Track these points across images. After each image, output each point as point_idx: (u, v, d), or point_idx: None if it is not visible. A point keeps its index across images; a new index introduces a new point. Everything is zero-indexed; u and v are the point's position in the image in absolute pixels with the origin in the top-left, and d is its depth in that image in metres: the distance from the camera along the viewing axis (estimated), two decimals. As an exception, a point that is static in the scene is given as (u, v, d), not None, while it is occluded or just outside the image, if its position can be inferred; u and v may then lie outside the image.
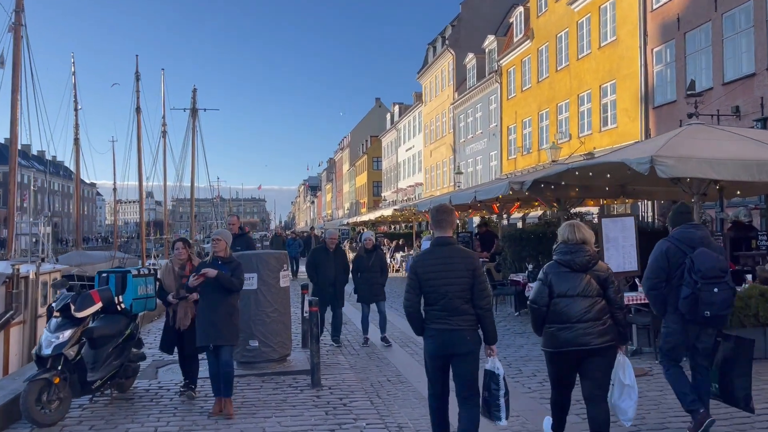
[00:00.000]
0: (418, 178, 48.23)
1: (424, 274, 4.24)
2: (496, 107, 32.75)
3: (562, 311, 4.28)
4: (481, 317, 4.22)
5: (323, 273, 9.18)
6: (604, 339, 4.25)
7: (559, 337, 4.29)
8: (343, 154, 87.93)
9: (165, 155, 40.48)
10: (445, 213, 4.40)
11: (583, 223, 4.62)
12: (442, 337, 4.19)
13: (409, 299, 4.27)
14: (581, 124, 24.07)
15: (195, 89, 46.75)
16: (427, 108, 46.23)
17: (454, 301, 4.17)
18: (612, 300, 4.34)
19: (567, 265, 4.34)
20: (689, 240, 4.88)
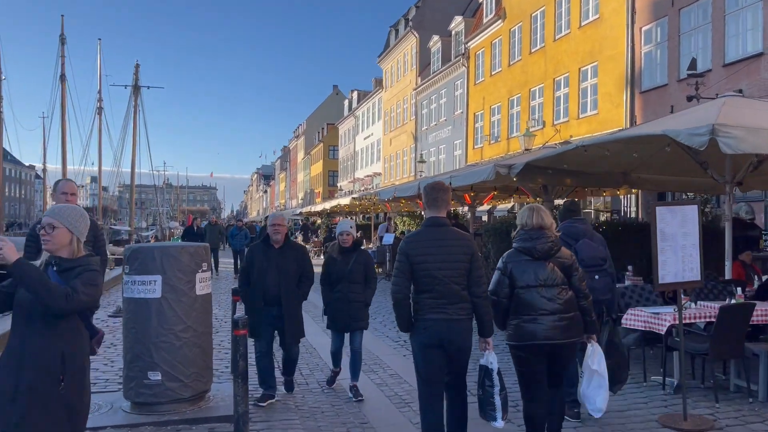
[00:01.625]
0: (377, 168, 46.01)
1: (416, 256, 3.85)
2: (462, 93, 30.77)
3: (526, 303, 3.99)
4: (477, 306, 3.91)
5: (260, 283, 5.61)
6: (570, 334, 4.00)
7: (525, 329, 3.99)
8: (298, 142, 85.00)
9: (100, 134, 37.05)
10: (440, 191, 4.05)
11: (543, 207, 4.25)
12: (438, 327, 3.82)
13: (399, 284, 3.87)
14: (557, 111, 22.27)
15: (138, 65, 43.35)
16: (387, 94, 43.98)
17: (452, 287, 3.83)
18: (577, 289, 4.08)
19: (528, 253, 4.06)
20: (573, 233, 5.36)
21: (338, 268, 5.90)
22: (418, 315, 3.91)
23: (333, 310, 5.94)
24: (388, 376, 6.80)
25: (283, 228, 5.77)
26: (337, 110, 68.70)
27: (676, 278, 5.14)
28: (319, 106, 79.11)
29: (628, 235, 10.68)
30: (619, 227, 10.62)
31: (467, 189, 14.64)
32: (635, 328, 6.30)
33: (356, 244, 6.02)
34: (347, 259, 5.89)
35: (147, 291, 5.32)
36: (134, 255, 5.43)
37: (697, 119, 6.32)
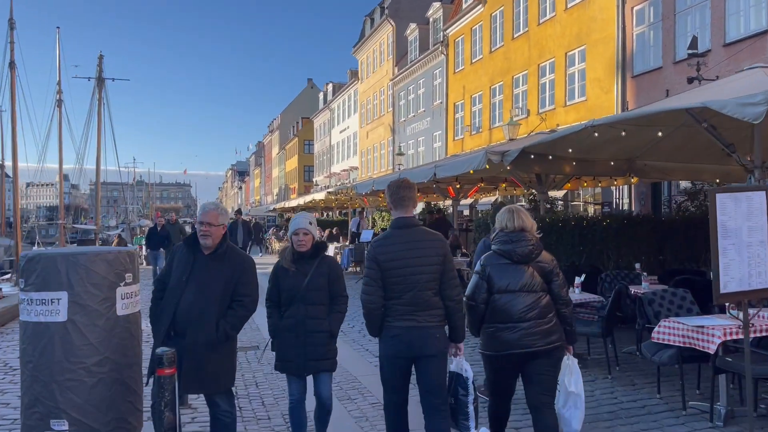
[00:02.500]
0: (353, 162, 44.69)
1: (387, 262, 3.60)
2: (442, 82, 29.59)
3: (503, 309, 3.75)
4: (451, 311, 3.69)
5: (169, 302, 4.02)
6: (549, 340, 3.73)
7: (500, 338, 3.74)
8: (273, 137, 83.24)
9: (61, 128, 34.98)
10: (406, 189, 3.77)
11: (522, 209, 4.01)
12: (409, 336, 3.60)
13: (371, 293, 3.62)
14: (542, 98, 21.18)
15: (101, 56, 41.34)
16: (363, 85, 42.62)
17: (424, 293, 3.61)
18: (557, 295, 3.82)
19: (507, 257, 3.81)
20: None
21: (291, 283, 4.06)
22: (387, 322, 3.67)
23: (283, 346, 4.10)
24: (369, 406, 5.54)
25: (217, 230, 3.91)
26: (312, 104, 67.18)
27: (742, 286, 3.98)
28: (294, 99, 77.50)
29: (633, 228, 9.58)
30: (625, 220, 9.50)
31: (452, 180, 13.48)
32: (671, 344, 5.15)
33: (317, 248, 4.17)
34: (304, 270, 4.07)
35: (48, 313, 4.01)
36: (31, 265, 4.10)
37: (739, 89, 5.18)
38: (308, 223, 4.19)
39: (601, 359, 6.96)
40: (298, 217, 4.25)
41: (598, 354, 7.20)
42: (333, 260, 4.39)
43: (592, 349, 7.30)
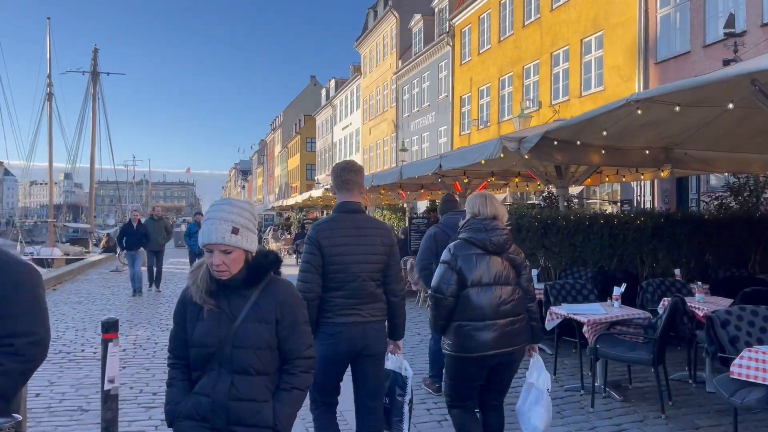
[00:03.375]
0: (356, 159, 43.26)
1: (331, 247, 3.22)
2: (447, 75, 28.22)
3: (476, 304, 3.39)
4: (395, 307, 3.42)
5: None
6: (522, 339, 3.48)
7: (477, 338, 3.37)
8: (275, 135, 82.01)
9: (50, 123, 33.79)
10: (350, 172, 3.42)
11: (493, 195, 3.69)
12: (352, 332, 3.24)
13: (309, 280, 3.19)
14: (555, 89, 19.80)
15: (96, 49, 40.22)
16: (366, 80, 41.29)
17: (368, 285, 3.28)
18: (525, 289, 3.56)
19: (481, 246, 3.45)
20: (453, 225, 4.78)
21: (205, 331, 2.23)
22: (325, 318, 3.27)
23: None
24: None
25: None
26: (314, 101, 65.94)
27: None
28: (297, 97, 76.27)
29: (671, 228, 8.21)
30: (662, 218, 8.12)
31: (459, 174, 12.12)
32: (757, 382, 3.80)
33: (256, 270, 2.26)
34: (234, 309, 2.24)
35: None
36: None
37: None
38: (231, 230, 2.17)
39: (646, 389, 5.61)
40: (214, 214, 2.23)
41: (641, 382, 5.85)
42: (288, 288, 2.32)
43: (635, 375, 5.94)
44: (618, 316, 5.37)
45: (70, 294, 13.21)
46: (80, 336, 8.49)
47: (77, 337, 8.43)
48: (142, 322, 9.72)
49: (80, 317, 10.09)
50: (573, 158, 8.04)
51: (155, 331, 8.92)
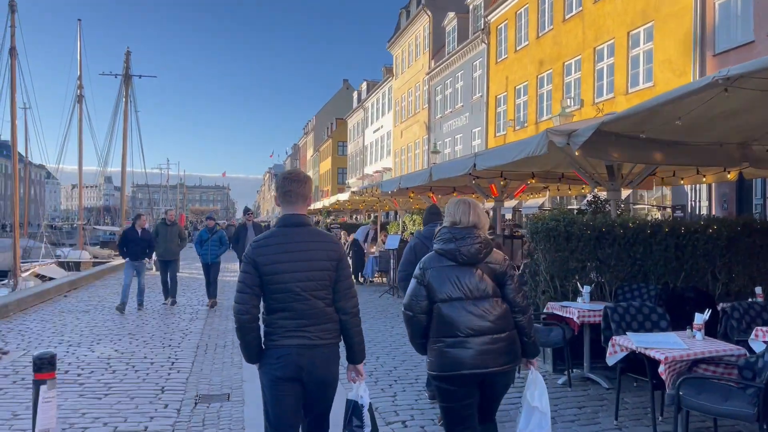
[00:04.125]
0: (387, 163, 42.39)
1: (267, 265, 3.00)
2: (482, 74, 27.02)
3: (448, 320, 3.15)
4: (347, 326, 3.12)
5: None
6: (507, 359, 3.16)
7: (449, 355, 3.14)
8: (308, 139, 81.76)
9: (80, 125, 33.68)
10: (293, 182, 3.16)
11: (477, 202, 3.39)
12: (299, 356, 2.98)
13: (244, 302, 2.98)
14: (598, 86, 18.47)
15: (128, 52, 40.14)
16: (398, 82, 40.31)
17: (313, 304, 3.03)
18: (512, 302, 3.23)
19: (451, 257, 3.23)
20: (432, 236, 4.39)
21: None
22: (269, 341, 3.03)
23: None
24: None
25: None
26: (347, 105, 65.29)
27: None
28: (329, 101, 75.86)
29: (750, 238, 6.94)
30: (739, 227, 6.86)
31: (495, 176, 10.97)
32: None
33: None
34: None
35: None
36: None
37: None
38: None
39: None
40: None
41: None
42: None
43: (723, 425, 4.73)
44: (704, 353, 4.21)
45: (80, 301, 12.48)
46: (70, 353, 7.63)
47: (67, 354, 7.57)
48: (145, 336, 8.84)
49: (80, 329, 9.28)
50: (632, 155, 6.86)
51: (155, 348, 8.02)
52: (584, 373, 6.22)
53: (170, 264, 11.91)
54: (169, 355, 7.64)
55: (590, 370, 6.22)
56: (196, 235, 13.57)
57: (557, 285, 6.74)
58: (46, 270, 21.82)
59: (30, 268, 21.48)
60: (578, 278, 6.62)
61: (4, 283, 19.13)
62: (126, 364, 7.11)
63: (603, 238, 6.71)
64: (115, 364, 7.08)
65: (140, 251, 11.31)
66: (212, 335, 9.07)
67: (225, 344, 8.49)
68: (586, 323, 5.96)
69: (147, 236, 11.43)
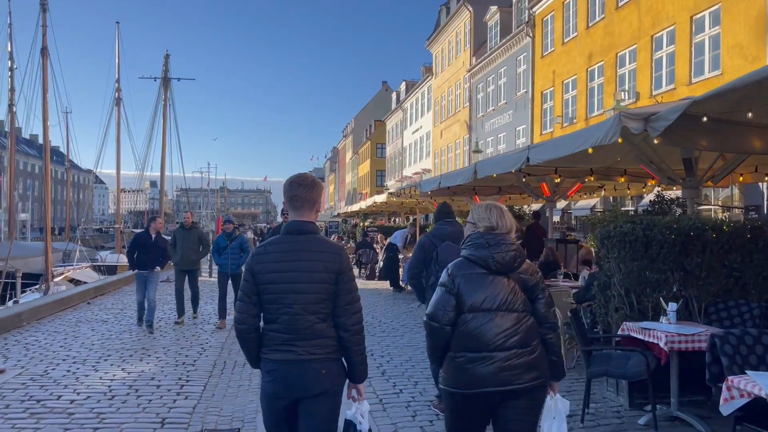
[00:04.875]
0: (426, 164, 41.28)
1: (263, 273, 2.88)
2: (527, 69, 25.69)
3: (475, 333, 2.88)
4: (346, 343, 2.89)
5: None
6: (532, 375, 2.88)
7: (472, 372, 2.87)
8: (346, 141, 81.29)
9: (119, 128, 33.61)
10: (301, 186, 2.98)
11: (503, 206, 3.15)
12: (285, 372, 2.84)
13: (243, 311, 2.91)
14: (656, 77, 17.01)
15: (167, 54, 40.13)
16: (438, 80, 39.18)
17: (303, 318, 2.84)
18: (543, 317, 2.96)
19: (483, 265, 2.95)
20: (441, 234, 5.32)
21: None
22: (262, 353, 2.92)
23: None
24: None
25: None
26: (386, 106, 64.48)
27: None
28: (368, 103, 75.23)
29: None
30: None
31: (549, 172, 9.79)
32: None
33: None
34: None
35: None
36: None
37: None
38: None
39: None
40: None
41: None
42: None
43: None
44: None
45: (102, 309, 11.81)
46: (70, 374, 6.80)
47: (67, 375, 6.75)
48: (159, 351, 8.00)
49: (91, 342, 8.51)
50: (724, 143, 5.66)
51: (166, 367, 7.15)
52: (672, 411, 5.03)
53: (189, 274, 10.27)
54: (179, 376, 6.75)
55: (679, 407, 5.04)
56: None
57: (633, 301, 5.56)
58: (80, 274, 21.47)
59: (64, 272, 21.15)
60: (659, 293, 5.44)
61: (36, 288, 18.78)
62: (129, 388, 6.25)
63: (690, 244, 5.49)
64: (116, 388, 6.22)
65: (152, 259, 9.54)
66: (233, 350, 8.17)
67: (245, 361, 7.58)
68: (674, 350, 4.78)
69: (161, 242, 9.77)
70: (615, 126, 5.49)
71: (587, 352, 5.12)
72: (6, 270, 19.29)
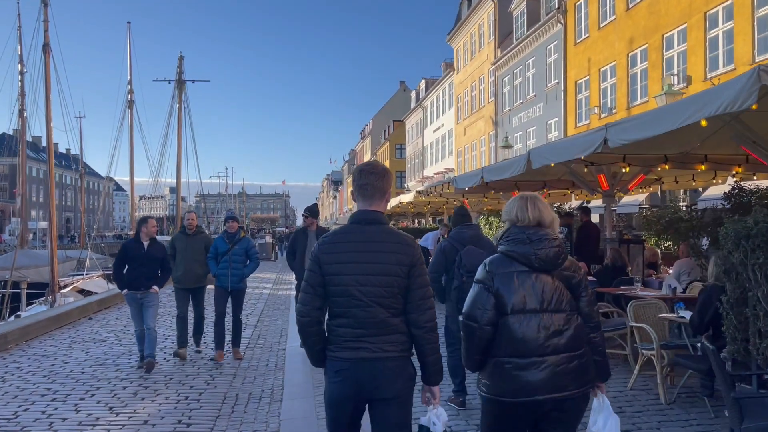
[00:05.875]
0: (449, 163, 39.80)
1: (331, 264, 2.72)
2: (558, 58, 24.14)
3: (521, 336, 2.66)
4: (420, 342, 2.72)
5: None
6: (584, 380, 2.70)
7: (522, 379, 2.64)
8: (364, 143, 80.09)
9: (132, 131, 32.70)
10: (372, 174, 2.85)
11: (539, 197, 2.91)
12: (358, 371, 2.66)
13: (306, 302, 2.75)
14: (712, 58, 15.41)
15: (181, 56, 39.18)
16: (460, 76, 37.70)
17: (376, 312, 2.67)
18: (587, 316, 2.77)
19: (524, 262, 2.73)
20: (461, 238, 5.41)
21: None
22: (329, 351, 2.74)
23: None
24: None
25: None
26: (404, 107, 63.15)
27: None
28: (386, 103, 74.06)
29: None
30: None
31: (615, 159, 8.31)
32: None
33: None
34: None
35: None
36: None
37: None
38: None
39: None
40: None
41: None
42: None
43: None
44: None
45: (104, 325, 10.56)
46: (45, 417, 5.48)
47: (40, 419, 5.42)
48: (159, 382, 6.68)
49: (80, 369, 7.22)
50: None
51: (165, 403, 5.82)
52: None
53: (194, 294, 7.94)
54: (179, 418, 5.41)
55: None
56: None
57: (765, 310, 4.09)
58: (89, 284, 20.35)
59: (72, 282, 20.05)
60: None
61: (43, 300, 17.67)
62: (121, 428, 4.92)
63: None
64: (98, 439, 4.89)
65: (146, 275, 7.18)
66: (247, 379, 6.84)
67: (262, 394, 6.23)
68: None
69: (158, 251, 7.34)
70: (752, 83, 4.08)
71: (735, 399, 3.65)
72: (11, 280, 18.28)
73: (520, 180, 11.27)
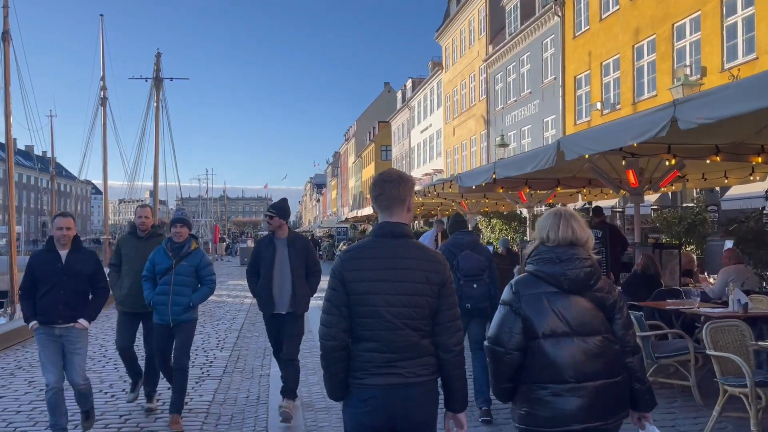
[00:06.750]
0: (437, 164, 38.63)
1: (357, 283, 2.52)
2: (555, 53, 23.05)
3: (553, 361, 2.48)
4: (448, 366, 2.55)
5: None
6: (621, 409, 2.54)
7: (559, 407, 2.45)
8: (349, 145, 78.79)
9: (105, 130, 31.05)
10: (387, 183, 2.65)
11: (576, 214, 2.70)
12: (389, 398, 2.47)
13: (331, 324, 2.51)
14: (729, 48, 14.35)
15: (159, 53, 37.66)
16: (449, 74, 36.57)
17: (406, 335, 2.50)
18: (622, 340, 2.57)
19: (553, 283, 2.55)
20: (459, 244, 5.49)
21: None
22: (354, 378, 2.52)
23: None
24: None
25: None
26: (389, 108, 61.98)
27: None
28: (370, 105, 72.82)
29: None
30: None
31: (659, 150, 7.08)
32: None
33: None
34: None
35: None
36: None
37: None
38: None
39: None
40: None
41: None
42: None
43: None
44: None
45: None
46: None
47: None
48: (112, 424, 5.30)
49: (15, 407, 5.83)
50: None
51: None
52: None
53: (145, 321, 5.79)
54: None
55: None
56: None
57: None
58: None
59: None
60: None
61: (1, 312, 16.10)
62: None
63: None
64: None
65: (66, 302, 4.74)
66: (222, 419, 5.50)
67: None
68: None
69: (84, 265, 4.90)
70: None
71: None
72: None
73: (531, 177, 10.09)
